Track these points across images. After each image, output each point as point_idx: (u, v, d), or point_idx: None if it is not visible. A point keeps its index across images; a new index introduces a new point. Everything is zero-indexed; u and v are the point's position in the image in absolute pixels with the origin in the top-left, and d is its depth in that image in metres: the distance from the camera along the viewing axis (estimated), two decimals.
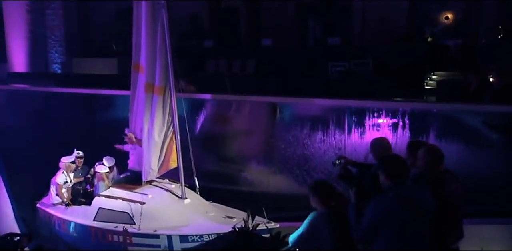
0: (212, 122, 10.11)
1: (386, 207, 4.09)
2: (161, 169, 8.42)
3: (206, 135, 10.04)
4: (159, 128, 8.26)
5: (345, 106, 8.19)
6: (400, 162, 4.26)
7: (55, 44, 20.78)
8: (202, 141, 9.82)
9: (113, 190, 8.48)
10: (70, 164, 8.87)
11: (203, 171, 8.99)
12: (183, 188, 8.28)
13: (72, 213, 8.53)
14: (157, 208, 7.98)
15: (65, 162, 8.84)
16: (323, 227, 4.13)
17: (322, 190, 4.27)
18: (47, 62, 20.46)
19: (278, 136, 9.46)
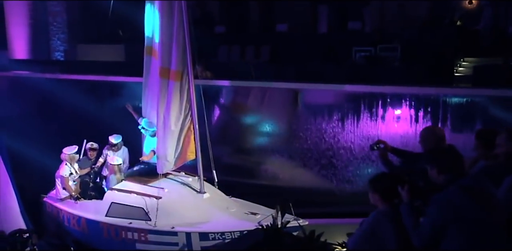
0: (230, 111, 9.64)
1: (454, 204, 3.54)
2: (178, 161, 7.95)
3: (223, 125, 9.56)
4: (176, 117, 7.77)
5: (377, 93, 7.65)
6: (454, 154, 3.74)
7: (57, 31, 20.22)
8: (219, 132, 9.36)
9: (126, 183, 8.03)
10: (74, 155, 8.40)
11: (220, 164, 8.55)
12: (201, 181, 7.81)
13: (82, 208, 8.09)
14: (174, 203, 7.54)
15: (67, 154, 8.38)
16: (386, 227, 3.63)
17: (383, 185, 3.77)
18: (49, 50, 19.99)
19: (301, 125, 8.97)
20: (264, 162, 9.24)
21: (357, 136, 8.06)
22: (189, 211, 7.49)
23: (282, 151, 9.10)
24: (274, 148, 9.20)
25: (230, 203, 7.77)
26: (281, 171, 8.99)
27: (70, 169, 8.31)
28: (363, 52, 10.32)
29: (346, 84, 8.45)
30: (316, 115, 8.78)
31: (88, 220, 7.92)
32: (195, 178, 8.24)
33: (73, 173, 8.35)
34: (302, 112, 8.98)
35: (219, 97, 9.61)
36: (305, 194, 8.29)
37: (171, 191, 7.72)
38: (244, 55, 14.72)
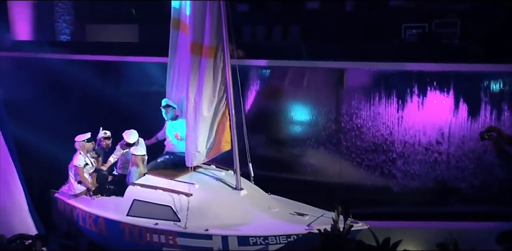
0: (264, 96, 8.77)
1: None
2: (211, 152, 7.11)
3: (257, 112, 8.68)
4: (209, 100, 6.93)
5: (448, 72, 6.69)
6: None
7: (62, 13, 19.49)
8: (251, 119, 8.49)
9: (150, 177, 7.22)
10: (85, 143, 7.57)
11: (254, 156, 7.63)
12: (238, 176, 6.97)
13: (100, 206, 7.30)
14: (207, 201, 6.75)
15: (78, 141, 7.58)
16: None
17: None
18: (54, 33, 19.28)
19: (348, 112, 8.08)
20: (305, 155, 8.45)
21: (418, 124, 7.15)
22: (225, 211, 6.68)
23: (325, 142, 8.26)
24: (315, 138, 8.38)
25: (271, 202, 6.93)
26: (325, 164, 8.17)
27: (85, 159, 7.52)
28: (415, 29, 9.36)
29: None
30: (365, 99, 7.88)
31: (107, 219, 7.13)
32: (229, 172, 7.48)
33: (89, 164, 7.56)
34: (349, 96, 8.07)
35: (252, 79, 8.73)
36: (355, 191, 7.47)
37: (202, 187, 6.92)
38: (271, 35, 13.82)
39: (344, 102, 7.99)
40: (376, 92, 7.73)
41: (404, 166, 7.35)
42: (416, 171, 7.35)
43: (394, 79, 7.57)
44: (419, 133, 7.19)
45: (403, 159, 7.33)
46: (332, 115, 8.24)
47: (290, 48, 9.83)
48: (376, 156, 7.57)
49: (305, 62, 8.26)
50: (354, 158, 7.81)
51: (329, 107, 8.22)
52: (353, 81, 7.98)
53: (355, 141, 7.79)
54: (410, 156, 7.30)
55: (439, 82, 6.97)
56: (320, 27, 12.34)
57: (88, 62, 10.38)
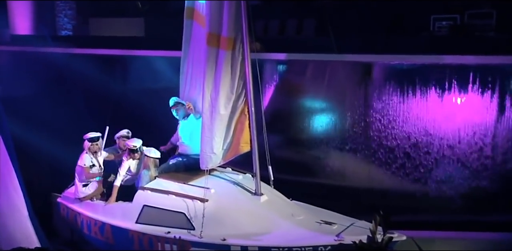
0: (284, 92, 8.31)
1: None
2: (228, 154, 6.65)
3: (275, 109, 8.20)
4: (226, 97, 6.48)
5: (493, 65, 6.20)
6: None
7: (64, 7, 19.14)
8: (270, 118, 8.02)
9: (160, 181, 6.77)
10: (87, 143, 7.13)
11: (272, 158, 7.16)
12: (258, 180, 6.50)
13: (106, 212, 6.85)
14: (225, 208, 6.30)
15: (85, 140, 7.15)
16: None
17: None
18: (55, 28, 18.92)
19: (374, 109, 7.59)
20: (328, 156, 7.97)
21: (457, 123, 6.66)
22: (244, 218, 6.22)
23: (351, 142, 7.79)
24: (340, 139, 7.91)
25: (294, 209, 6.46)
26: (352, 167, 7.70)
27: (91, 160, 7.08)
28: (445, 20, 8.86)
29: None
30: (396, 96, 7.39)
31: (114, 227, 6.69)
32: (247, 176, 7.04)
33: (96, 165, 7.11)
34: (377, 93, 7.58)
35: (270, 74, 8.26)
36: (386, 197, 6.98)
37: (219, 192, 6.47)
38: (284, 30, 13.36)
39: (372, 99, 7.50)
40: (408, 88, 7.23)
41: (441, 169, 6.85)
42: (455, 175, 6.85)
43: (428, 74, 7.08)
44: (457, 134, 6.69)
45: (440, 162, 6.84)
46: (358, 114, 7.78)
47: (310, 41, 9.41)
48: (409, 158, 7.08)
49: (331, 56, 7.78)
50: (384, 160, 7.33)
51: (355, 105, 7.75)
52: (382, 76, 7.50)
53: (385, 141, 7.31)
54: (448, 159, 6.80)
55: (480, 77, 6.46)
56: (338, 20, 11.88)
57: (92, 57, 9.97)
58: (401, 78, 7.32)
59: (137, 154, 7.02)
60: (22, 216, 7.29)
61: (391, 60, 7.43)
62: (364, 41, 9.01)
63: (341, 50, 8.32)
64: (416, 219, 6.49)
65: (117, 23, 14.63)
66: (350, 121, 7.75)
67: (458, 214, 6.61)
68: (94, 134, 7.18)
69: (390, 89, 7.39)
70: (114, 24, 14.70)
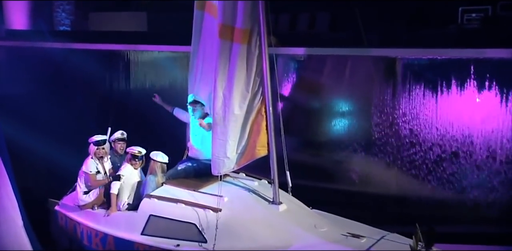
0: (299, 90, 7.86)
1: None
2: (243, 158, 6.19)
3: (291, 109, 7.76)
4: (241, 95, 6.02)
5: None
6: None
7: (62, 2, 18.78)
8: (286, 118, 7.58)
9: (168, 188, 6.33)
10: (92, 147, 6.70)
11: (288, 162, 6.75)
12: (276, 187, 6.04)
13: (109, 222, 6.39)
14: (240, 218, 5.84)
15: (91, 142, 6.71)
16: None
17: None
18: (52, 23, 18.55)
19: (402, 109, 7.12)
20: (349, 161, 7.52)
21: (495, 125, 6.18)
22: (262, 230, 5.74)
23: (374, 145, 7.33)
24: (362, 141, 7.48)
25: (316, 219, 5.99)
26: (376, 173, 7.24)
27: (96, 166, 6.63)
28: (475, 12, 8.38)
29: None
30: (424, 94, 6.92)
31: (118, 239, 6.23)
32: (262, 182, 6.60)
33: (101, 172, 6.66)
34: (404, 90, 7.11)
35: (284, 71, 7.81)
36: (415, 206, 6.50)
37: (233, 200, 6.01)
38: (296, 24, 12.91)
39: (400, 97, 7.03)
40: (441, 85, 6.75)
41: (479, 176, 6.37)
42: (492, 183, 6.37)
43: (462, 69, 6.60)
44: (499, 137, 6.21)
45: (479, 168, 6.35)
46: (384, 113, 7.33)
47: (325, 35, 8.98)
48: (443, 163, 6.59)
49: (355, 50, 7.33)
50: (414, 165, 6.85)
51: (381, 104, 7.31)
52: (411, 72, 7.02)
53: (415, 144, 6.83)
54: (488, 165, 6.31)
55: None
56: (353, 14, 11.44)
57: (92, 53, 9.57)
58: (433, 75, 6.84)
59: (138, 162, 6.57)
60: (17, 226, 6.87)
61: (424, 54, 6.95)
62: (386, 35, 8.56)
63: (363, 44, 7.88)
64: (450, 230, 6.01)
65: (118, 17, 14.24)
66: (375, 122, 7.29)
67: (498, 226, 6.12)
68: (100, 137, 6.74)
69: (420, 86, 6.92)
70: (115, 18, 14.29)
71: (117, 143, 6.98)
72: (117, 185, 6.48)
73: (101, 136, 6.79)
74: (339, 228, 5.83)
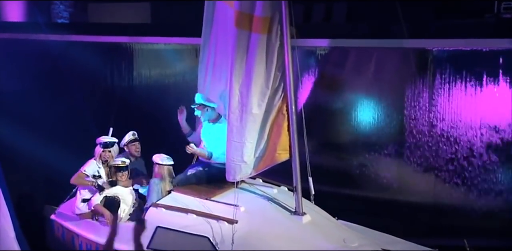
0: (320, 87, 7.39)
1: None
2: (261, 163, 5.67)
3: (311, 108, 7.25)
4: (260, 92, 5.50)
5: None
6: None
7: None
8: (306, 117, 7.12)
9: (177, 196, 5.82)
10: (104, 150, 6.19)
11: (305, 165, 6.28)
12: (299, 195, 5.53)
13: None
14: (259, 231, 5.31)
15: (98, 143, 6.22)
16: None
17: None
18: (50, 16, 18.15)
19: (437, 107, 6.62)
20: (376, 164, 7.05)
21: None
22: (284, 245, 5.19)
23: (406, 148, 6.80)
24: (392, 143, 7.00)
25: (345, 232, 5.46)
26: (407, 178, 6.71)
27: (98, 170, 6.16)
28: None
29: None
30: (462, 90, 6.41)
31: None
32: (282, 190, 6.12)
33: (102, 177, 6.17)
34: (438, 86, 6.60)
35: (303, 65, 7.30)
36: (455, 216, 6.01)
37: (250, 210, 5.50)
38: (310, 16, 12.41)
39: (435, 92, 6.52)
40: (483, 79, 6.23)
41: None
42: None
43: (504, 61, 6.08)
44: None
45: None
46: (416, 111, 6.83)
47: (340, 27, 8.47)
48: (486, 168, 6.07)
49: (384, 42, 6.82)
50: (452, 170, 6.33)
51: (413, 100, 6.81)
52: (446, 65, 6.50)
53: (453, 146, 6.31)
54: None
55: None
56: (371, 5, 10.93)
57: (92, 45, 9.11)
58: (472, 67, 6.32)
59: (124, 174, 6.10)
60: (9, 237, 6.32)
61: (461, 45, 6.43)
62: (415, 25, 8.04)
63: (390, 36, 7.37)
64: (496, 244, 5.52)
65: (120, 8, 13.81)
66: (406, 121, 6.79)
67: None
68: (109, 139, 6.26)
69: (459, 81, 6.39)
70: (116, 9, 13.87)
71: (131, 146, 6.48)
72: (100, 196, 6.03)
73: (110, 138, 6.31)
74: (371, 243, 5.29)
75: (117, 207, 6.09)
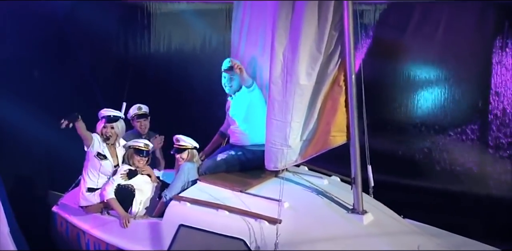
0: (377, 53, 6.54)
1: None
2: (310, 147, 4.89)
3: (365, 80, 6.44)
4: (310, 58, 4.69)
5: None
6: None
7: None
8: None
9: (204, 187, 5.10)
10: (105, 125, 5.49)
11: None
12: (359, 189, 4.68)
13: (124, 233, 5.17)
14: (308, 234, 4.53)
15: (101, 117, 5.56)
16: None
17: None
18: None
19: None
20: (447, 150, 6.25)
21: None
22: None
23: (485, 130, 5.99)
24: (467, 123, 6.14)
25: (418, 237, 4.63)
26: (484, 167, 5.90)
27: (99, 145, 5.44)
28: None
29: None
30: None
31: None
32: (334, 180, 5.40)
33: (108, 159, 5.46)
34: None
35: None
36: None
37: (296, 206, 4.73)
38: None
39: None
40: None
41: None
42: None
43: None
44: None
45: None
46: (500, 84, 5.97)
47: None
48: None
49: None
50: None
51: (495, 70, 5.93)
52: None
53: None
54: None
55: None
56: None
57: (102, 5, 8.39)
58: None
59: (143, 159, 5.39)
60: (2, 234, 5.86)
61: None
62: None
63: None
64: None
65: None
66: (488, 96, 5.89)
67: None
68: (113, 112, 5.55)
69: None
70: None
71: (135, 121, 5.91)
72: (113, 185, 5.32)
73: (113, 111, 5.58)
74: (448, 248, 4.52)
75: (131, 199, 5.39)
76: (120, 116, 5.64)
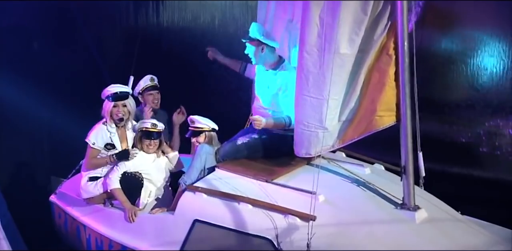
0: (425, 22, 5.86)
1: None
2: (351, 129, 4.27)
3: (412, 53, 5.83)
4: (353, 21, 4.02)
5: None
6: None
7: None
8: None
9: (223, 176, 4.55)
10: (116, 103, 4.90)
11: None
12: (410, 181, 4.05)
13: (130, 228, 4.68)
14: (347, 234, 3.95)
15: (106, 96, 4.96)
16: None
17: None
18: None
19: None
20: (503, 135, 5.55)
21: None
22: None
23: None
24: None
25: (482, 237, 4.01)
26: None
27: (110, 136, 4.89)
28: None
29: None
30: None
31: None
32: (377, 169, 4.88)
33: (117, 148, 4.92)
34: None
35: None
36: None
37: (333, 200, 4.15)
38: None
39: None
40: None
41: None
42: None
43: None
44: None
45: None
46: None
47: None
48: None
49: None
50: None
51: None
52: None
53: None
54: None
55: None
56: None
57: None
58: None
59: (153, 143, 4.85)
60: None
61: None
62: None
63: None
64: None
65: None
66: None
67: None
68: (119, 88, 4.97)
69: None
70: None
71: (147, 94, 5.37)
72: (116, 174, 4.80)
73: (120, 86, 5.01)
74: None
75: (138, 189, 4.86)
76: (129, 91, 5.09)
